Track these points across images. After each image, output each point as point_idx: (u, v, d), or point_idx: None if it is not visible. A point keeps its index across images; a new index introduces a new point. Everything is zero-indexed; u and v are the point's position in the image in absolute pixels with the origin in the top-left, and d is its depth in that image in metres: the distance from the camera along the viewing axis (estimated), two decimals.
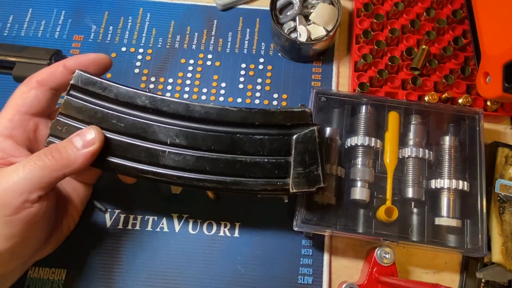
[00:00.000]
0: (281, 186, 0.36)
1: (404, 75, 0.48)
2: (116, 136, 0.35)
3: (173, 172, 0.35)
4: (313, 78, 0.51)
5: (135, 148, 0.35)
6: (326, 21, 0.49)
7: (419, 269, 0.44)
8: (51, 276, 0.41)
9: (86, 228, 0.43)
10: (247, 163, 0.36)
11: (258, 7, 0.54)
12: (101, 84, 0.36)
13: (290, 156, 0.36)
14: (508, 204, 0.42)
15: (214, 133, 0.36)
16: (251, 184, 0.36)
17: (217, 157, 0.36)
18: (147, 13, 0.54)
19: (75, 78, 0.36)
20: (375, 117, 0.45)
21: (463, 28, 0.50)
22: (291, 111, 0.37)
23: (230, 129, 0.36)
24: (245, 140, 0.36)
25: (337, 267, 0.43)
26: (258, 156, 0.36)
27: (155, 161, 0.35)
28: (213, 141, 0.36)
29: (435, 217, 0.42)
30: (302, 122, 0.36)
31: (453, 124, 0.46)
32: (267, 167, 0.36)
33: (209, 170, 0.35)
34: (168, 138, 0.36)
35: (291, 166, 0.36)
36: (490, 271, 0.41)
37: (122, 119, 0.36)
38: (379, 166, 0.43)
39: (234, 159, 0.36)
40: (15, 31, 0.52)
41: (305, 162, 0.36)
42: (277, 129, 0.36)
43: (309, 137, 0.36)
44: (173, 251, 0.43)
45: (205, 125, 0.36)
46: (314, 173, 0.36)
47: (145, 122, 0.36)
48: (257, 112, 0.36)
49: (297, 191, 0.35)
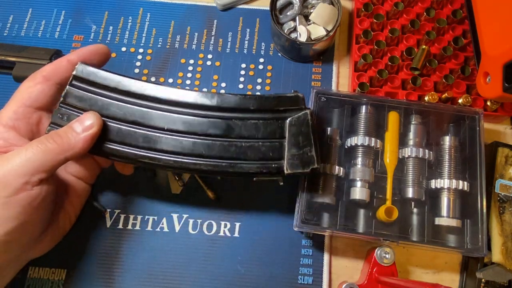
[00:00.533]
0: (276, 168, 0.37)
1: (404, 75, 0.48)
2: (115, 123, 0.37)
3: (170, 157, 0.37)
4: (313, 78, 0.51)
5: (133, 134, 0.37)
6: (326, 21, 0.49)
7: (419, 269, 0.44)
8: (51, 276, 0.41)
9: (86, 228, 0.43)
10: (242, 147, 0.37)
11: (258, 7, 0.54)
12: (102, 74, 0.37)
13: (284, 139, 0.37)
14: (508, 204, 0.42)
15: (210, 118, 0.37)
16: (246, 167, 0.37)
17: (213, 141, 0.37)
18: (147, 13, 0.54)
19: (77, 69, 0.37)
20: (375, 117, 0.45)
21: (463, 28, 0.50)
22: (284, 96, 0.38)
23: (226, 114, 0.37)
24: (240, 124, 0.37)
25: (337, 267, 0.43)
26: (253, 139, 0.37)
27: (153, 146, 0.37)
28: (209, 126, 0.37)
29: (435, 217, 0.42)
30: (295, 106, 0.38)
31: (453, 124, 0.46)
32: (262, 150, 0.37)
33: (205, 154, 0.37)
34: (165, 124, 0.37)
35: (285, 149, 0.37)
36: (490, 271, 0.41)
37: (121, 107, 0.37)
38: (379, 166, 0.43)
39: (230, 143, 0.37)
40: (15, 31, 0.52)
41: (299, 144, 0.37)
42: (271, 113, 0.38)
43: (302, 120, 0.38)
44: (173, 251, 0.43)
45: (201, 110, 0.37)
46: (308, 155, 0.37)
47: (143, 110, 0.37)
48: (251, 97, 0.38)
49: (292, 172, 0.36)
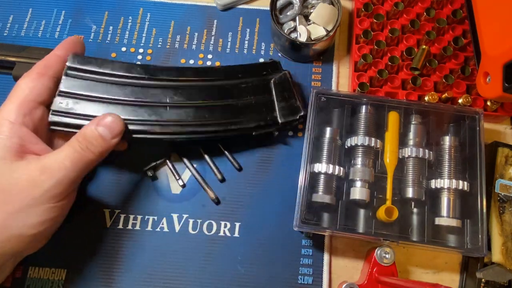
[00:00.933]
0: (271, 120, 0.43)
1: (404, 75, 0.48)
2: (119, 102, 0.40)
3: (177, 124, 0.41)
4: (313, 78, 0.51)
5: (138, 110, 0.40)
6: (326, 21, 0.49)
7: (419, 269, 0.44)
8: (51, 276, 0.41)
9: (86, 228, 0.43)
10: (238, 106, 0.43)
11: (258, 7, 0.54)
12: (96, 61, 0.41)
13: (272, 95, 0.44)
14: (508, 204, 0.42)
15: (206, 87, 0.43)
16: (246, 122, 0.43)
17: (212, 105, 0.43)
18: (147, 13, 0.54)
19: (69, 60, 0.40)
20: (375, 117, 0.45)
21: (463, 28, 0.50)
22: (264, 62, 0.48)
23: (218, 82, 0.44)
24: (232, 88, 0.44)
25: (337, 267, 0.43)
26: (247, 99, 0.44)
27: (159, 118, 0.41)
28: (206, 93, 0.43)
29: (435, 217, 0.42)
30: (274, 69, 0.46)
31: (453, 124, 0.46)
32: (256, 107, 0.44)
33: (208, 117, 0.42)
34: (167, 97, 0.42)
35: (275, 103, 0.44)
36: (490, 271, 0.41)
37: (122, 88, 0.41)
38: (379, 166, 0.43)
39: (227, 105, 0.43)
40: (15, 31, 0.52)
41: (285, 98, 0.44)
42: (256, 77, 0.45)
43: (283, 79, 0.45)
44: (173, 251, 0.43)
45: (197, 82, 0.43)
46: (294, 105, 0.44)
47: (144, 88, 0.41)
48: (237, 66, 0.46)
49: (285, 120, 0.43)
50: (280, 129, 0.46)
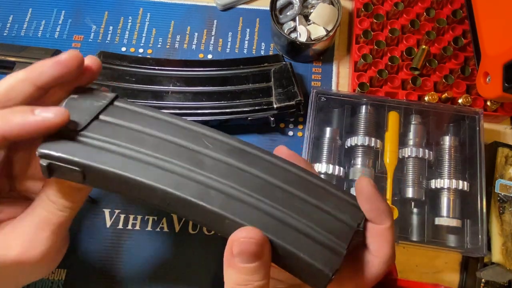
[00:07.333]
0: (266, 104, 0.44)
1: (404, 75, 0.48)
2: (129, 85, 0.45)
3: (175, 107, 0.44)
4: (313, 78, 0.51)
5: (144, 93, 0.45)
6: (326, 21, 0.49)
7: (419, 269, 0.44)
8: (51, 276, 0.41)
9: (86, 228, 0.43)
10: (236, 92, 0.45)
11: (258, 7, 0.54)
12: (117, 55, 0.47)
13: (271, 82, 0.46)
14: (508, 204, 0.42)
15: (208, 76, 0.46)
16: (241, 106, 0.44)
17: (211, 90, 0.45)
18: (147, 13, 0.54)
19: (98, 55, 0.45)
20: (375, 117, 0.45)
21: (463, 28, 0.50)
22: (269, 55, 0.49)
23: (220, 72, 0.46)
24: (233, 77, 0.46)
25: None
26: (245, 85, 0.45)
27: (161, 100, 0.44)
28: (207, 81, 0.46)
29: (435, 217, 0.42)
30: (276, 61, 0.47)
31: (453, 124, 0.46)
32: (253, 93, 0.45)
33: (205, 100, 0.45)
34: (170, 84, 0.45)
35: (273, 89, 0.45)
36: (490, 271, 0.41)
37: (133, 75, 0.46)
38: (379, 166, 0.43)
39: (225, 90, 0.45)
40: (15, 31, 0.52)
41: (283, 85, 0.45)
42: (257, 67, 0.47)
43: (284, 69, 0.46)
44: (173, 251, 0.43)
45: (201, 72, 0.46)
46: (291, 91, 0.45)
47: (152, 76, 0.46)
48: (241, 59, 0.48)
49: (280, 105, 0.44)
50: (276, 115, 0.45)
